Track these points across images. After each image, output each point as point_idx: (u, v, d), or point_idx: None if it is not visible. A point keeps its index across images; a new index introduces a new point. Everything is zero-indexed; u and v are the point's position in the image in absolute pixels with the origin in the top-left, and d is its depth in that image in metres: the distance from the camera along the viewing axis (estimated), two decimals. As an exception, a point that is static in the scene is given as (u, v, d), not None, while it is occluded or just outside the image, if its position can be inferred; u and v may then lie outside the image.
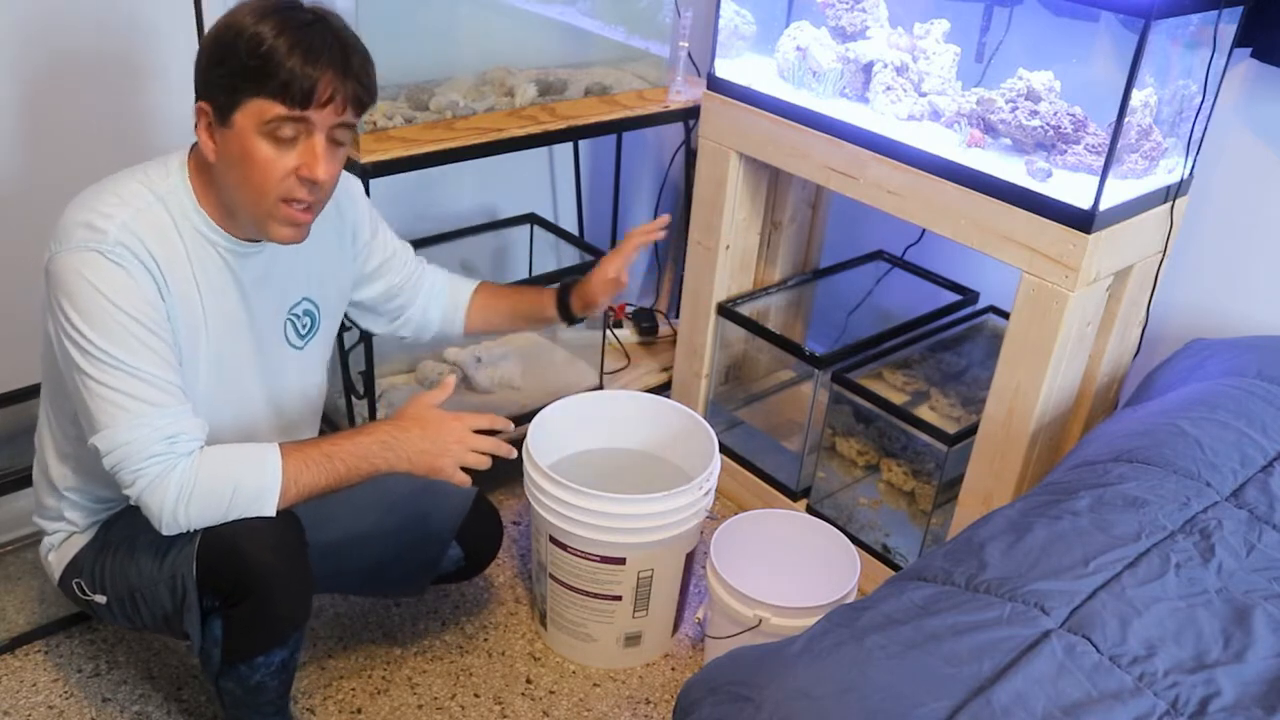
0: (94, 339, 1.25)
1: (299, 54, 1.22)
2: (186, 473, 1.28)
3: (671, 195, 2.66)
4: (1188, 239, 1.89)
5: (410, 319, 1.72)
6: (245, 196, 1.30)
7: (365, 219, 1.58)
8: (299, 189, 1.29)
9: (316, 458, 1.36)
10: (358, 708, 1.74)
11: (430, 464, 1.42)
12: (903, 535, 2.04)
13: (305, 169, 1.27)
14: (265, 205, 1.29)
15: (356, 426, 1.47)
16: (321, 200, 1.34)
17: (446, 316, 1.76)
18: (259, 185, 1.28)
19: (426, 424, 1.42)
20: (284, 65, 1.21)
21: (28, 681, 1.73)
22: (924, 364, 2.16)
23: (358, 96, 1.28)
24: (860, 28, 1.94)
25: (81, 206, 1.28)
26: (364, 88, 1.29)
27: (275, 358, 1.49)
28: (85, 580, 1.47)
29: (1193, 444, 1.42)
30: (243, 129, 1.25)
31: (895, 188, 1.79)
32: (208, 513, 1.31)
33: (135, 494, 1.28)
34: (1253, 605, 1.16)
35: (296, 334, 1.51)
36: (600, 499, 1.66)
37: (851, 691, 1.04)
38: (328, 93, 1.24)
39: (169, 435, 1.27)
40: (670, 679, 1.85)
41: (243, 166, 1.27)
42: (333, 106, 1.26)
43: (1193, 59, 1.67)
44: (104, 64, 1.84)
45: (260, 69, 1.22)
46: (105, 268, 1.25)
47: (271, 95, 1.23)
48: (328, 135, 1.28)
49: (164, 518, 1.29)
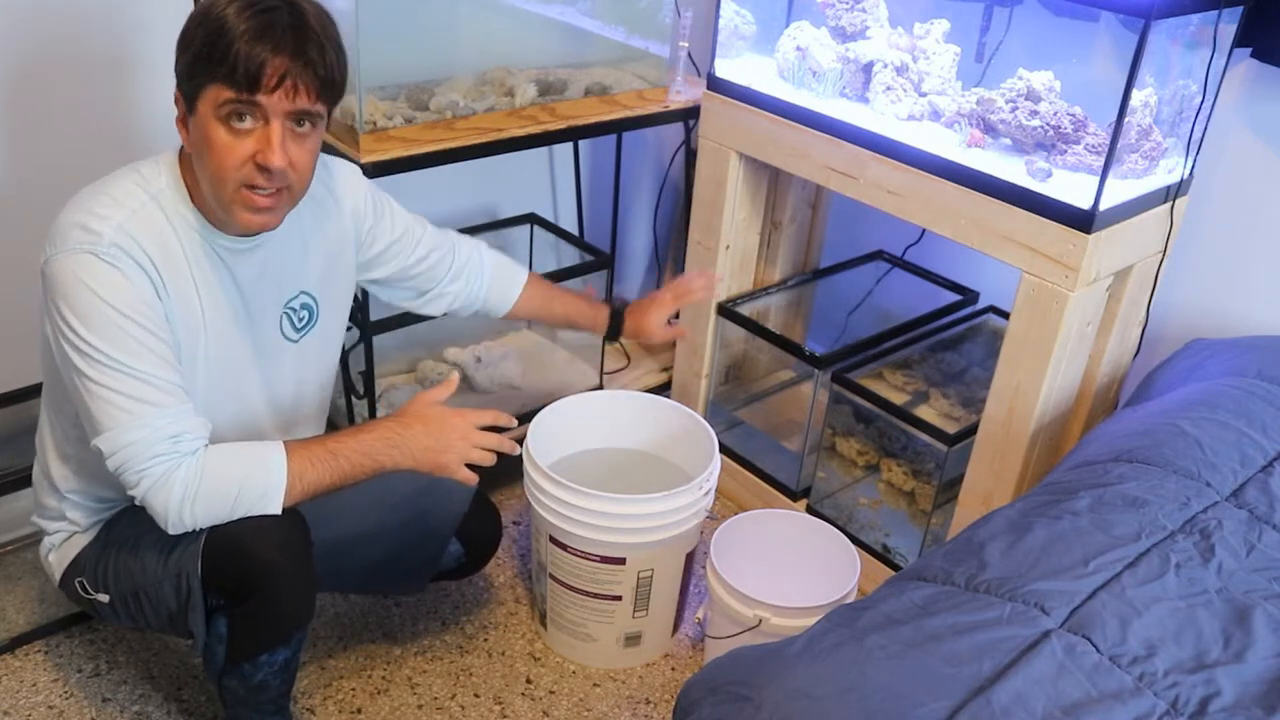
0: (92, 341, 1.24)
1: (248, 37, 1.21)
2: (191, 472, 1.28)
3: (671, 195, 2.66)
4: (1188, 239, 1.89)
5: (440, 295, 1.71)
6: (209, 184, 1.29)
7: (366, 204, 1.56)
8: (257, 175, 1.27)
9: (321, 455, 1.36)
10: (358, 708, 1.74)
11: (435, 461, 1.42)
12: (903, 535, 2.04)
13: (261, 156, 1.25)
14: (226, 192, 1.28)
15: (359, 424, 1.47)
16: (292, 187, 1.31)
17: (493, 298, 1.76)
18: (217, 172, 1.26)
19: (430, 421, 1.43)
20: (233, 47, 1.20)
21: (28, 681, 1.73)
22: (924, 364, 2.17)
23: (314, 83, 1.25)
24: (860, 28, 1.94)
25: (76, 208, 1.27)
26: (319, 76, 1.26)
27: (271, 352, 1.48)
28: (88, 579, 1.47)
29: (1193, 444, 1.42)
30: (204, 116, 1.25)
31: (895, 188, 1.79)
32: (213, 511, 1.31)
33: (140, 494, 1.28)
34: (1253, 605, 1.16)
35: (292, 327, 1.50)
36: (600, 499, 1.66)
37: (851, 691, 1.04)
38: (276, 76, 1.22)
39: (172, 435, 1.27)
40: (670, 679, 1.85)
41: (205, 154, 1.26)
42: (282, 91, 1.23)
43: (1193, 59, 1.67)
44: (92, 59, 1.83)
45: (211, 53, 1.21)
46: (101, 270, 1.24)
47: (223, 80, 1.22)
48: (284, 121, 1.26)
49: (169, 517, 1.29)
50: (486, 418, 1.46)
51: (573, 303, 1.83)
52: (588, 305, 1.84)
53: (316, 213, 1.49)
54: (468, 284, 1.73)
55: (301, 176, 1.32)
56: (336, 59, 1.29)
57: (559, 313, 1.84)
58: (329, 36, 1.28)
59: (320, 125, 1.32)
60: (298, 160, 1.29)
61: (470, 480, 1.45)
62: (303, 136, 1.29)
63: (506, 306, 1.78)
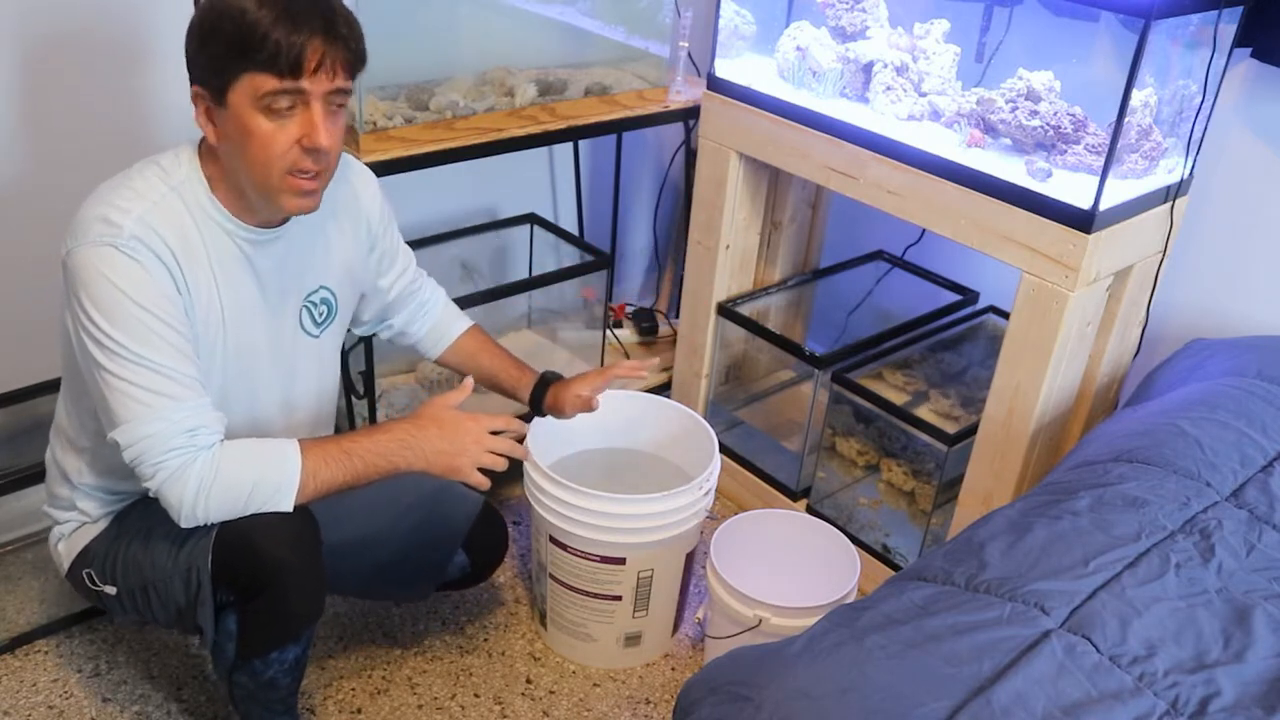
0: (112, 334, 1.25)
1: (284, 24, 1.21)
2: (206, 466, 1.28)
3: (671, 195, 2.66)
4: (1188, 239, 1.89)
5: (393, 325, 1.71)
6: (252, 174, 1.29)
7: (378, 211, 1.58)
8: (304, 159, 1.28)
9: (335, 454, 1.36)
10: (358, 708, 1.74)
11: (448, 464, 1.42)
12: (903, 535, 2.04)
13: (308, 139, 1.26)
14: (273, 180, 1.29)
15: (374, 425, 1.47)
16: (329, 168, 1.33)
17: (429, 338, 1.74)
18: (263, 161, 1.27)
19: (444, 424, 1.43)
20: (270, 36, 1.20)
21: (28, 681, 1.73)
22: (924, 364, 2.17)
23: (348, 60, 1.27)
24: (860, 28, 1.94)
25: (98, 201, 1.28)
26: (352, 51, 1.28)
27: (290, 346, 1.48)
28: (96, 571, 1.47)
29: (1193, 444, 1.42)
30: (239, 107, 1.25)
31: (895, 188, 1.79)
32: (227, 506, 1.31)
33: (155, 487, 1.29)
34: (1253, 605, 1.17)
35: (313, 322, 1.50)
36: (600, 499, 1.66)
37: (851, 691, 1.04)
38: (316, 59, 1.23)
39: (189, 428, 1.28)
40: (670, 679, 1.85)
41: (245, 145, 1.27)
42: (323, 72, 1.24)
43: (1193, 59, 1.67)
44: (102, 51, 1.82)
45: (246, 43, 1.21)
46: (122, 263, 1.25)
47: (262, 68, 1.22)
48: (324, 102, 1.27)
49: (183, 510, 1.29)
50: (499, 423, 1.46)
51: (503, 362, 1.76)
52: (515, 368, 1.75)
53: (337, 209, 1.49)
54: (416, 319, 1.72)
55: (338, 154, 1.34)
56: (359, 32, 1.30)
57: (486, 367, 1.75)
58: (346, 11, 1.29)
59: (348, 101, 1.33)
60: (336, 138, 1.31)
61: (483, 484, 1.45)
62: (337, 114, 1.31)
63: (438, 351, 1.75)
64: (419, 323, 1.72)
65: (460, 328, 1.76)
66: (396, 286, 1.66)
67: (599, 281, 2.27)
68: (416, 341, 1.75)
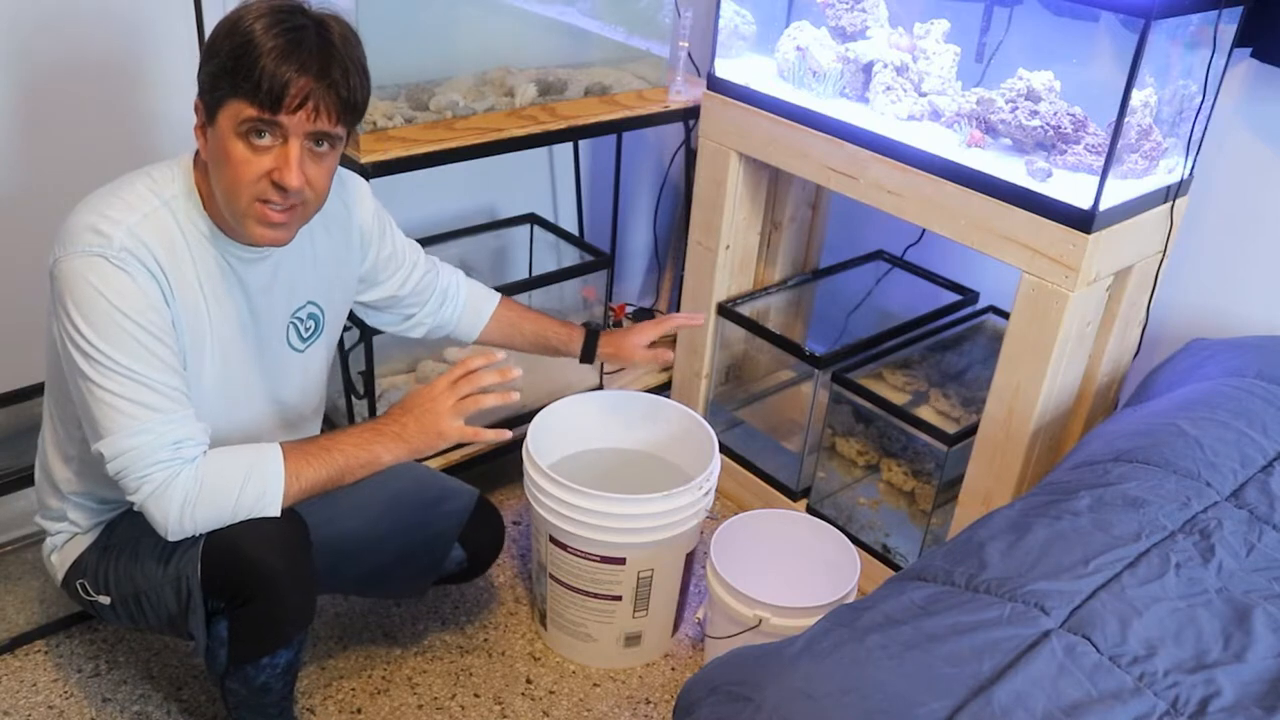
0: (98, 344, 1.24)
1: (278, 55, 1.20)
2: (191, 480, 1.28)
3: (671, 195, 2.66)
4: (1188, 239, 1.89)
5: (421, 322, 1.72)
6: (223, 195, 1.29)
7: (371, 221, 1.57)
8: (271, 192, 1.26)
9: (316, 452, 1.36)
10: (358, 708, 1.74)
11: (432, 433, 1.42)
12: (903, 535, 2.04)
13: (277, 174, 1.25)
14: (240, 205, 1.28)
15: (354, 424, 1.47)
16: (306, 204, 1.31)
17: (464, 323, 1.75)
18: (233, 185, 1.26)
19: (409, 402, 1.44)
20: (259, 65, 1.20)
21: (28, 681, 1.73)
22: (924, 364, 2.17)
23: (336, 105, 1.25)
24: (860, 28, 1.94)
25: (88, 210, 1.27)
26: (342, 98, 1.25)
27: (278, 360, 1.49)
28: (89, 581, 1.47)
29: (1193, 444, 1.42)
30: (223, 129, 1.24)
31: (895, 188, 1.79)
32: (213, 516, 1.31)
33: (139, 500, 1.28)
34: (1253, 605, 1.16)
35: (299, 337, 1.51)
36: (600, 499, 1.66)
37: (851, 691, 1.04)
38: (299, 97, 1.21)
39: (174, 440, 1.27)
40: (670, 679, 1.85)
41: (221, 166, 1.26)
42: (304, 111, 1.22)
43: (1193, 59, 1.67)
44: (102, 65, 1.83)
45: (238, 67, 1.20)
46: (110, 273, 1.24)
47: (245, 96, 1.21)
48: (303, 141, 1.25)
49: (169, 525, 1.29)
50: (457, 370, 1.45)
51: (545, 323, 1.79)
52: (560, 325, 1.79)
53: (328, 223, 1.49)
54: (443, 308, 1.73)
55: (318, 195, 1.32)
56: (360, 82, 1.28)
57: (530, 332, 1.78)
58: (354, 59, 1.27)
59: (339, 146, 1.32)
60: (314, 179, 1.29)
61: (479, 436, 1.44)
62: (320, 156, 1.29)
63: (475, 332, 1.77)
64: (447, 310, 1.73)
65: (492, 303, 1.77)
66: (409, 284, 1.66)
67: (599, 281, 2.27)
68: (452, 329, 1.75)
